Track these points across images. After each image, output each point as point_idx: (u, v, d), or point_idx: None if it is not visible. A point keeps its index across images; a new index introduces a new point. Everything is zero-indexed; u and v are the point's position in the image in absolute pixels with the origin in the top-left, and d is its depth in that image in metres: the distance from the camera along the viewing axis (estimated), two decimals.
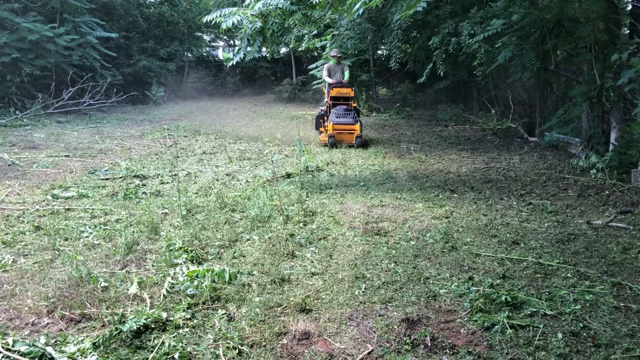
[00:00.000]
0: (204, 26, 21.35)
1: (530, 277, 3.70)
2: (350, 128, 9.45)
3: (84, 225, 4.77)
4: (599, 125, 7.41)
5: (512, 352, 2.72)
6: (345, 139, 9.48)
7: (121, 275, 3.68)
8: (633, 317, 3.09)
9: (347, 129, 9.45)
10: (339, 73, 10.36)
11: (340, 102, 9.92)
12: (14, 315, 3.12)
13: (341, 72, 10.37)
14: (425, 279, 3.66)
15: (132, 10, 18.25)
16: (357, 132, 9.38)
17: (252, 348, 2.77)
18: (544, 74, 8.56)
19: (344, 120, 9.53)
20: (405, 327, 2.96)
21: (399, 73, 17.19)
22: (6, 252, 4.12)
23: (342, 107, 9.79)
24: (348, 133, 9.46)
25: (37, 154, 8.52)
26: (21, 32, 13.14)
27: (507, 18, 8.22)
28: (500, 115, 12.64)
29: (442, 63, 10.21)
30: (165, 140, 10.18)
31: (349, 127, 9.45)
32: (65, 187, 6.31)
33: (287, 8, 6.28)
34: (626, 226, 4.80)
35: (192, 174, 7.19)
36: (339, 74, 10.35)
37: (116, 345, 2.77)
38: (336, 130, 9.41)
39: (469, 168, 7.66)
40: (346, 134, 9.47)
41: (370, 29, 12.24)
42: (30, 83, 13.84)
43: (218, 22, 6.31)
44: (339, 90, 9.89)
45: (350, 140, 9.45)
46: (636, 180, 6.22)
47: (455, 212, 5.35)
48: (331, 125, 9.39)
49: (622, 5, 8.30)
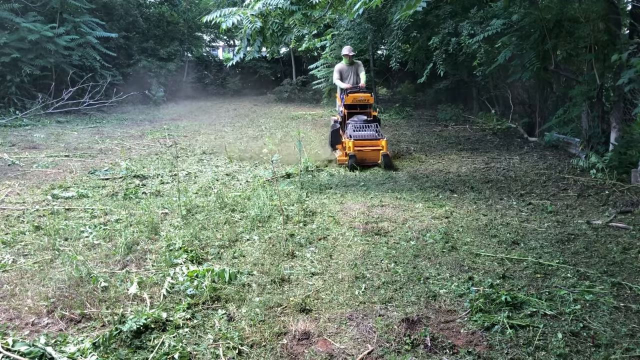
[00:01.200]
0: (204, 26, 21.34)
1: (530, 277, 3.70)
2: (374, 144, 7.63)
3: (84, 225, 4.77)
4: (599, 125, 7.41)
5: (512, 352, 2.72)
6: (368, 157, 7.60)
7: (121, 275, 3.68)
8: (633, 317, 3.09)
9: (371, 144, 7.64)
10: (352, 75, 8.60)
11: (357, 110, 8.24)
12: (14, 315, 3.12)
13: (355, 73, 8.61)
14: (425, 279, 3.66)
15: (132, 10, 18.25)
16: (383, 148, 7.53)
17: (252, 348, 2.77)
18: (544, 74, 8.56)
19: (366, 133, 7.78)
20: (405, 327, 2.96)
21: (399, 73, 17.18)
22: (6, 252, 4.13)
23: (361, 117, 8.13)
24: (372, 150, 7.60)
25: (37, 154, 8.52)
26: (21, 32, 13.14)
27: (507, 18, 8.22)
28: (500, 115, 12.64)
29: (442, 63, 10.20)
30: (165, 140, 10.18)
31: (373, 142, 7.64)
32: (65, 187, 6.31)
33: (287, 8, 6.28)
34: (626, 226, 4.80)
35: (192, 174, 7.19)
36: (353, 76, 8.59)
37: (116, 345, 2.77)
38: (357, 148, 7.54)
39: (469, 168, 7.66)
40: (369, 151, 7.60)
41: (370, 29, 12.24)
42: (30, 83, 13.84)
43: (218, 22, 6.30)
44: (356, 96, 8.09)
45: (375, 158, 7.59)
46: (636, 180, 6.22)
47: (455, 212, 5.35)
48: (351, 142, 7.56)
49: (622, 5, 8.31)
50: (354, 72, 8.62)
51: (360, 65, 8.67)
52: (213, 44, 26.44)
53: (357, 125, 7.93)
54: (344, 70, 8.62)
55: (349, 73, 8.61)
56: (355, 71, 8.63)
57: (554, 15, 7.56)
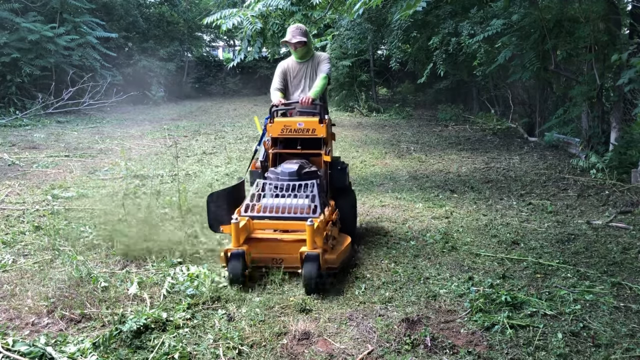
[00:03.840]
0: (204, 26, 21.33)
1: (530, 277, 3.70)
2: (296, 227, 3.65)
3: (84, 225, 4.77)
4: (599, 125, 7.41)
5: (512, 352, 2.72)
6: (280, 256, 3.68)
7: (121, 275, 3.68)
8: (633, 317, 3.09)
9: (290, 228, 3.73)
10: (306, 80, 4.50)
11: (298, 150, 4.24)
12: (14, 315, 3.12)
13: (309, 76, 4.49)
14: (425, 279, 3.66)
15: (132, 10, 18.25)
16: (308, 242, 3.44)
17: (252, 348, 2.77)
18: (544, 74, 8.56)
19: (286, 204, 3.71)
20: (405, 327, 2.96)
21: (399, 73, 17.17)
22: (6, 252, 4.13)
23: (289, 167, 3.97)
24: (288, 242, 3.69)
25: (37, 154, 8.52)
26: (21, 32, 13.14)
27: (507, 18, 8.22)
28: (500, 115, 12.64)
29: (442, 63, 10.19)
30: (165, 140, 10.18)
31: (293, 224, 3.67)
32: (65, 187, 6.31)
33: (288, 9, 6.29)
34: (626, 226, 4.80)
35: (192, 174, 7.19)
36: (306, 81, 4.50)
37: (116, 345, 2.76)
38: (256, 236, 3.75)
39: (469, 168, 7.66)
40: (282, 243, 3.71)
41: (370, 29, 12.23)
42: (30, 83, 13.84)
43: (218, 23, 6.31)
44: (289, 122, 4.17)
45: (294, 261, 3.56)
46: (636, 180, 6.22)
47: (455, 212, 5.35)
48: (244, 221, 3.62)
49: (622, 5, 8.31)
50: (309, 73, 4.49)
51: (322, 60, 4.47)
52: (213, 44, 26.46)
53: (276, 185, 3.84)
54: (290, 71, 4.54)
55: (301, 77, 4.52)
56: (311, 71, 4.49)
57: (554, 15, 7.56)
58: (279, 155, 4.29)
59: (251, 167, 4.36)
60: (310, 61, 4.48)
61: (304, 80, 4.50)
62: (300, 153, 4.23)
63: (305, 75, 4.49)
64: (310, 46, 4.49)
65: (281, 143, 4.30)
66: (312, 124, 4.10)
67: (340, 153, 8.77)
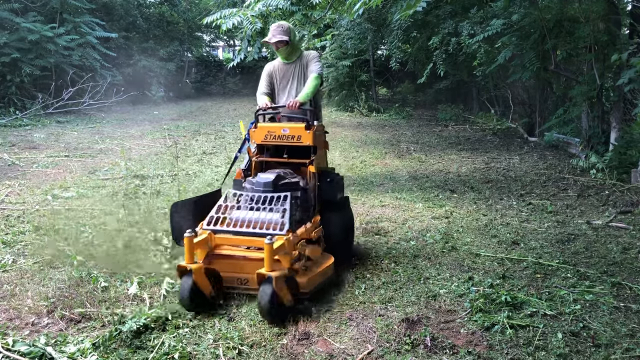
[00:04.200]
0: (204, 26, 21.32)
1: (530, 277, 3.70)
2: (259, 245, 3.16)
3: (84, 225, 4.77)
4: (599, 125, 7.41)
5: (512, 352, 2.72)
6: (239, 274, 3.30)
7: (121, 275, 3.68)
8: (633, 317, 3.09)
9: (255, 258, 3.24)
10: (291, 81, 4.20)
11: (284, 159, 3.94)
12: (14, 315, 3.12)
13: (297, 78, 4.17)
14: (425, 279, 3.66)
15: (132, 10, 18.24)
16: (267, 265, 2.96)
17: (252, 348, 2.77)
18: (544, 74, 8.56)
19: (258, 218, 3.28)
20: (405, 327, 2.96)
21: (399, 73, 17.17)
22: (6, 252, 4.13)
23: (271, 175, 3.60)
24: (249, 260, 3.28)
25: (37, 154, 8.52)
26: (21, 32, 13.13)
27: (507, 18, 8.22)
28: (500, 115, 12.64)
29: (442, 63, 10.20)
30: (165, 140, 10.18)
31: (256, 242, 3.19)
32: (65, 187, 6.31)
33: (287, 8, 6.29)
34: (626, 226, 4.80)
35: (192, 174, 7.19)
36: (294, 84, 4.18)
37: (116, 345, 2.77)
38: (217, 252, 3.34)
39: (469, 168, 7.66)
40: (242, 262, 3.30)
41: (370, 29, 12.24)
42: (30, 83, 13.83)
43: (218, 23, 6.31)
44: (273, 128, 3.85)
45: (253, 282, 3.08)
46: (636, 180, 6.22)
47: (455, 212, 5.35)
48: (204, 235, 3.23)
49: (622, 5, 8.31)
50: (297, 74, 4.17)
51: (312, 59, 4.14)
52: (213, 44, 26.45)
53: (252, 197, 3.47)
54: (277, 73, 4.27)
55: (289, 78, 4.20)
56: (299, 73, 4.17)
57: (554, 15, 7.56)
58: (265, 164, 3.95)
59: (236, 176, 3.91)
60: (298, 61, 4.14)
61: (292, 82, 4.16)
62: (286, 162, 3.88)
63: (294, 77, 4.15)
64: (296, 45, 4.16)
65: (268, 151, 3.97)
66: (298, 130, 3.72)
67: (340, 153, 8.77)
